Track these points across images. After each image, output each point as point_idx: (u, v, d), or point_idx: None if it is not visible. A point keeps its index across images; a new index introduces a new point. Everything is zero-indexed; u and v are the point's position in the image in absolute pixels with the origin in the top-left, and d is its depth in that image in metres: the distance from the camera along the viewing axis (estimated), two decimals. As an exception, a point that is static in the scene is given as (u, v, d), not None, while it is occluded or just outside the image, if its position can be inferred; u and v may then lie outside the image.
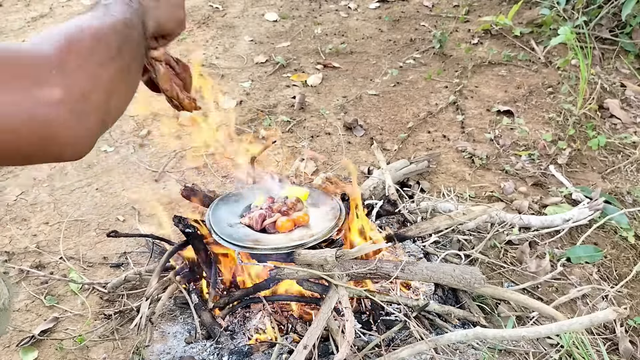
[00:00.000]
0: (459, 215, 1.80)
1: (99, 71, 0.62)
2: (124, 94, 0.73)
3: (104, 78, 0.63)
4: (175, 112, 2.86)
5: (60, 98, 0.55)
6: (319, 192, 1.69)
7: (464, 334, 1.39)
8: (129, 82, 0.74)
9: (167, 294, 1.58)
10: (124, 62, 0.69)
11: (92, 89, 0.60)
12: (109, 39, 0.66)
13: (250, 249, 1.43)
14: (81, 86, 0.58)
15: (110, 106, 0.66)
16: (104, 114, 0.64)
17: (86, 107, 0.59)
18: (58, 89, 0.55)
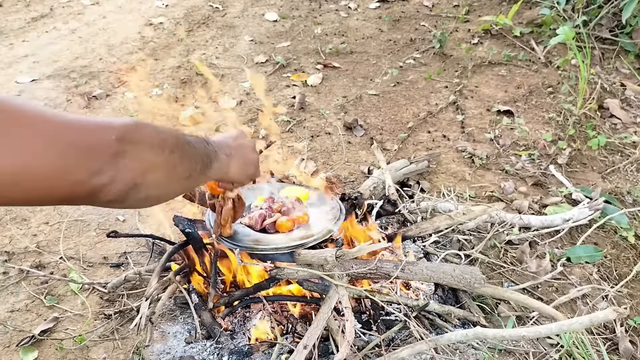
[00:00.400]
0: (459, 215, 1.80)
1: (150, 171, 0.69)
2: (165, 196, 0.81)
3: (151, 178, 0.70)
4: (175, 113, 2.86)
5: (104, 184, 0.62)
6: (319, 192, 1.69)
7: (464, 333, 1.39)
8: (173, 188, 0.81)
9: (167, 294, 1.58)
10: (176, 170, 0.76)
11: (136, 184, 0.67)
12: (170, 145, 0.74)
13: (251, 249, 1.43)
14: (127, 178, 0.65)
15: (149, 196, 0.73)
16: (143, 201, 0.72)
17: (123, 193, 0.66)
18: (106, 176, 0.62)
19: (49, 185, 0.57)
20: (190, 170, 0.79)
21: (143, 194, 0.69)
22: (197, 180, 0.85)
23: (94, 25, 3.93)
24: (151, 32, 3.78)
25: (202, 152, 0.86)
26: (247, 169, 1.07)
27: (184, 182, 0.80)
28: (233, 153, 1.01)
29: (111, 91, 3.05)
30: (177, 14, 4.07)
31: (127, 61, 3.37)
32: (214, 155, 0.91)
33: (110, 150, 0.62)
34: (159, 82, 3.13)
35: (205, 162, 0.86)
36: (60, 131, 0.58)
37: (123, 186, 0.64)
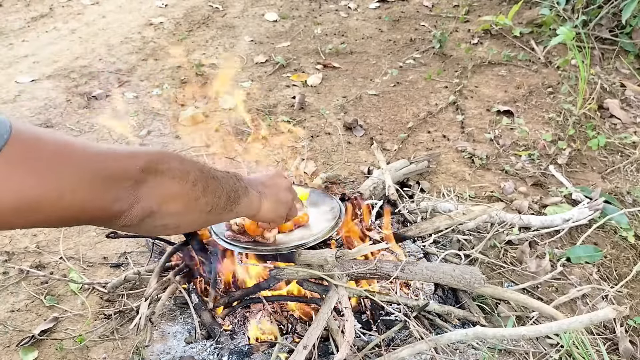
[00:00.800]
0: (459, 215, 1.80)
1: (168, 201, 0.72)
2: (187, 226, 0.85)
3: (168, 208, 0.72)
4: (175, 112, 2.86)
5: (123, 210, 0.66)
6: (319, 192, 1.69)
7: (463, 333, 1.39)
8: (193, 219, 0.82)
9: (167, 293, 1.58)
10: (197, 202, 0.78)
11: (152, 212, 0.69)
12: (193, 178, 0.76)
13: (251, 249, 1.43)
14: (144, 206, 0.68)
15: (167, 224, 0.75)
16: (161, 229, 0.75)
17: (142, 219, 0.69)
18: (125, 203, 0.65)
19: (72, 210, 0.60)
20: (212, 204, 0.80)
21: (159, 222, 0.71)
22: (221, 215, 0.86)
23: (94, 25, 3.93)
24: (151, 32, 3.78)
25: (229, 187, 0.86)
26: (280, 209, 1.08)
27: (205, 215, 0.81)
28: (266, 192, 1.01)
29: (111, 91, 3.05)
30: (177, 14, 4.07)
31: (127, 61, 3.37)
32: (242, 191, 0.91)
33: (132, 179, 0.65)
34: (159, 82, 3.13)
35: (231, 197, 0.86)
36: (87, 161, 0.61)
37: (138, 213, 0.67)
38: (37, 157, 0.56)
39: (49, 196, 0.57)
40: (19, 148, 0.54)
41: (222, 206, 0.84)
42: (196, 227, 0.90)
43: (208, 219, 0.85)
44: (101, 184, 0.62)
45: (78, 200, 0.60)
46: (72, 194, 0.59)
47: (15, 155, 0.53)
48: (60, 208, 0.58)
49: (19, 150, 0.54)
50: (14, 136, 0.53)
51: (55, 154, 0.58)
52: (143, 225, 0.70)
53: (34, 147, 0.56)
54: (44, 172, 0.56)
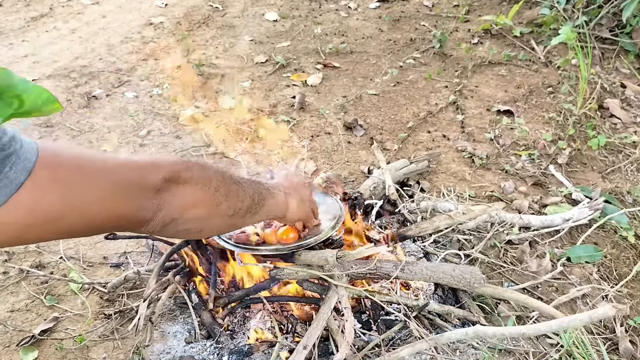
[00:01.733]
0: (459, 215, 1.80)
1: (190, 208, 0.74)
2: (210, 231, 0.87)
3: (190, 214, 0.74)
4: (175, 112, 2.86)
5: (148, 219, 0.68)
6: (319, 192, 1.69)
7: (464, 332, 1.39)
8: (217, 224, 0.84)
9: (167, 293, 1.58)
10: (219, 207, 0.80)
11: (174, 219, 0.71)
12: (215, 184, 0.78)
13: (251, 249, 1.43)
14: (166, 215, 0.70)
15: (189, 229, 0.78)
16: (184, 233, 0.78)
17: (167, 226, 0.71)
18: (149, 212, 0.68)
19: (100, 220, 0.63)
20: (235, 208, 0.82)
21: (181, 227, 0.74)
22: (245, 217, 0.87)
23: (94, 24, 3.93)
24: (151, 32, 3.78)
25: (252, 190, 0.88)
26: (306, 206, 1.09)
27: (228, 219, 0.83)
28: (290, 191, 1.03)
29: (111, 91, 3.05)
30: (177, 13, 4.07)
31: (127, 61, 3.37)
32: (267, 193, 0.92)
33: (155, 188, 0.68)
34: (159, 82, 3.13)
35: (255, 199, 0.88)
36: (109, 173, 0.64)
37: (161, 221, 0.69)
38: (64, 177, 0.60)
39: (77, 210, 0.60)
40: (46, 170, 0.58)
41: (246, 209, 0.85)
42: (223, 231, 0.92)
43: (234, 222, 0.87)
44: (125, 194, 0.65)
45: (105, 211, 0.63)
46: (99, 206, 0.62)
47: (44, 177, 0.58)
48: (89, 219, 0.62)
49: (46, 172, 0.58)
50: (41, 159, 0.58)
51: (79, 170, 0.61)
52: (166, 230, 0.73)
53: (60, 166, 0.60)
54: (71, 189, 0.60)
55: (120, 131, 2.68)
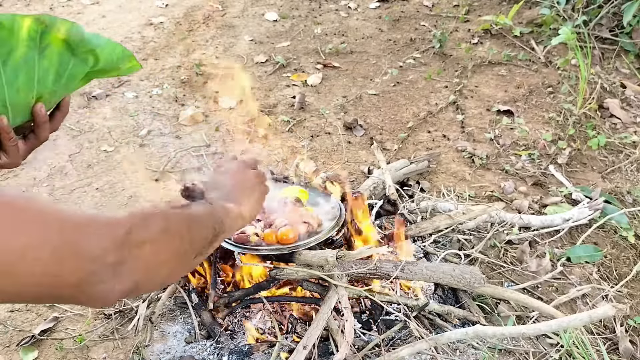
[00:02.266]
0: (459, 215, 1.80)
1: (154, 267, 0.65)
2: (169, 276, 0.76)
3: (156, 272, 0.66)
4: (175, 112, 2.86)
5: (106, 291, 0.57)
6: (319, 192, 1.69)
7: (464, 332, 1.39)
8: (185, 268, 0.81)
9: (166, 293, 1.58)
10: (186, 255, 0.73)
11: (137, 284, 0.62)
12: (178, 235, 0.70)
13: (251, 249, 1.43)
14: (127, 283, 0.60)
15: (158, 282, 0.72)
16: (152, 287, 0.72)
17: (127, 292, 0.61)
18: (106, 285, 0.57)
19: (39, 278, 0.52)
20: (201, 247, 0.76)
21: (149, 287, 0.68)
22: (209, 248, 0.80)
23: (94, 24, 3.93)
24: (151, 32, 3.78)
25: (212, 221, 0.80)
26: (259, 202, 0.99)
27: (196, 259, 0.77)
28: (240, 197, 0.93)
29: (111, 91, 3.05)
30: (177, 13, 4.07)
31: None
32: (224, 214, 0.84)
33: (108, 259, 0.57)
34: (159, 82, 3.13)
35: (216, 229, 0.80)
36: (56, 225, 0.53)
37: (122, 290, 0.59)
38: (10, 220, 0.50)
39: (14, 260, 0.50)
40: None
41: (209, 243, 0.79)
42: (189, 270, 0.84)
43: (200, 260, 0.80)
44: (70, 258, 0.53)
45: (45, 269, 0.52)
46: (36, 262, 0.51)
47: None
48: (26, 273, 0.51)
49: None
50: None
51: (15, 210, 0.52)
52: (132, 295, 0.66)
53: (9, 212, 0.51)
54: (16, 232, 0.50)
55: (120, 131, 2.68)
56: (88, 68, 0.70)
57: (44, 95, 0.69)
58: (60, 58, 0.66)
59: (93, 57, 0.69)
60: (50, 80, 0.68)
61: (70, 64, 0.68)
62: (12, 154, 0.72)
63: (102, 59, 0.70)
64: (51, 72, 0.67)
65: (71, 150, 2.53)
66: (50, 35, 0.64)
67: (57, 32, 0.64)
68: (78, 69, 0.69)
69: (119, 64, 0.73)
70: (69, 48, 0.66)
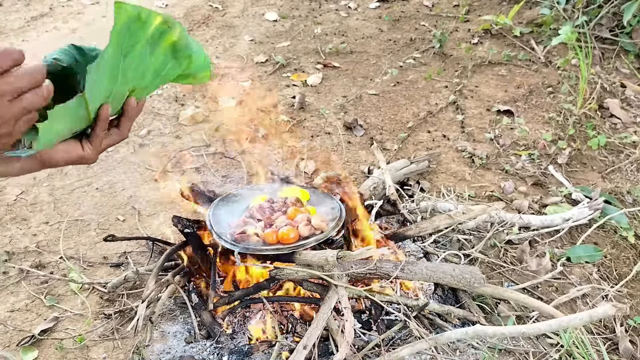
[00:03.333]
0: (459, 215, 1.80)
1: None
2: None
3: None
4: (175, 112, 2.86)
5: None
6: (319, 192, 1.70)
7: (464, 331, 1.39)
8: None
9: (166, 293, 1.58)
10: None
11: None
12: None
13: (251, 249, 1.43)
14: None
15: None
16: None
17: None
18: None
19: None
20: None
21: None
22: None
23: (94, 24, 3.93)
24: (151, 32, 3.78)
25: None
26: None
27: None
28: None
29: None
30: (177, 13, 4.07)
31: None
32: None
33: None
34: (159, 82, 3.13)
35: None
36: None
37: None
38: None
39: None
40: None
41: None
42: None
43: None
44: None
45: None
46: None
47: None
48: None
49: None
50: None
51: None
52: None
53: None
54: None
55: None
56: (180, 71, 0.73)
57: (137, 90, 0.71)
58: (165, 58, 0.69)
59: (187, 62, 0.71)
60: (148, 77, 0.70)
61: (169, 64, 0.70)
62: (96, 145, 0.71)
63: (194, 64, 0.72)
64: (152, 69, 0.69)
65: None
66: (167, 37, 0.67)
67: (172, 35, 0.67)
68: (174, 70, 0.72)
69: (201, 71, 0.75)
70: (174, 50, 0.69)
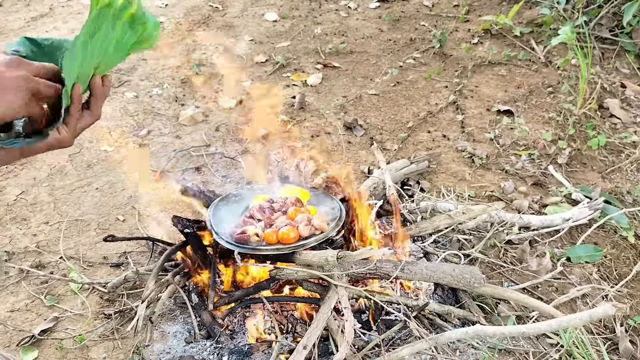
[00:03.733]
0: (459, 215, 1.80)
1: None
2: None
3: None
4: (175, 112, 2.86)
5: None
6: (319, 192, 1.70)
7: (464, 331, 1.39)
8: None
9: (166, 293, 1.58)
10: None
11: None
12: None
13: (252, 249, 1.43)
14: None
15: None
16: None
17: None
18: None
19: None
20: None
21: None
22: None
23: (94, 25, 3.92)
24: (151, 32, 3.78)
25: None
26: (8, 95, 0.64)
27: None
28: None
29: (111, 91, 3.05)
30: (177, 13, 4.07)
31: (127, 61, 3.37)
32: None
33: None
34: (159, 82, 3.13)
35: None
36: None
37: None
38: None
39: None
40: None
41: None
42: None
43: None
44: None
45: None
46: None
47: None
48: None
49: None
50: None
51: None
52: None
53: None
54: None
55: (120, 131, 2.68)
56: (136, 38, 0.74)
57: (101, 65, 0.72)
58: (124, 29, 0.71)
59: (142, 28, 0.73)
60: (111, 50, 0.71)
61: (127, 33, 0.72)
62: (72, 128, 0.71)
63: (147, 30, 0.74)
64: (114, 42, 0.71)
65: (71, 150, 2.53)
66: (127, 11, 0.69)
67: (131, 8, 0.69)
68: (131, 38, 0.73)
69: (152, 33, 0.77)
70: (132, 21, 0.71)
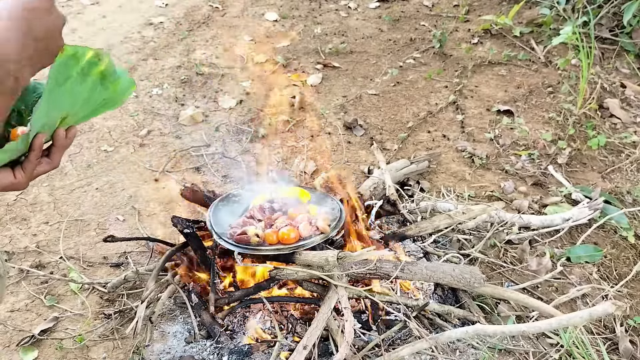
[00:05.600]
0: (459, 215, 1.80)
1: None
2: None
3: None
4: (175, 112, 2.86)
5: None
6: (319, 192, 1.70)
7: (464, 331, 1.39)
8: None
9: (166, 293, 1.58)
10: None
11: None
12: None
13: (252, 250, 1.43)
14: None
15: None
16: None
17: None
18: None
19: None
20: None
21: None
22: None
23: (94, 24, 3.92)
24: (151, 32, 3.78)
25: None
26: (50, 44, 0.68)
27: None
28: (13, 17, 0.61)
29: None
30: (177, 13, 4.07)
31: (127, 61, 3.37)
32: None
33: None
34: (159, 82, 3.13)
35: None
36: None
37: None
38: None
39: None
40: None
41: None
42: None
43: None
44: None
45: None
46: None
47: None
48: None
49: None
50: None
51: None
52: None
53: None
54: None
55: (120, 131, 2.68)
56: (107, 95, 0.77)
57: (69, 117, 0.75)
58: (94, 85, 0.73)
59: (114, 85, 0.76)
60: (79, 104, 0.74)
61: (97, 90, 0.75)
62: (28, 173, 0.73)
63: (119, 87, 0.77)
64: (82, 97, 0.73)
65: (71, 150, 2.53)
66: (97, 67, 0.72)
67: (100, 65, 0.72)
68: (100, 95, 0.76)
69: (126, 90, 0.79)
70: (102, 77, 0.74)
